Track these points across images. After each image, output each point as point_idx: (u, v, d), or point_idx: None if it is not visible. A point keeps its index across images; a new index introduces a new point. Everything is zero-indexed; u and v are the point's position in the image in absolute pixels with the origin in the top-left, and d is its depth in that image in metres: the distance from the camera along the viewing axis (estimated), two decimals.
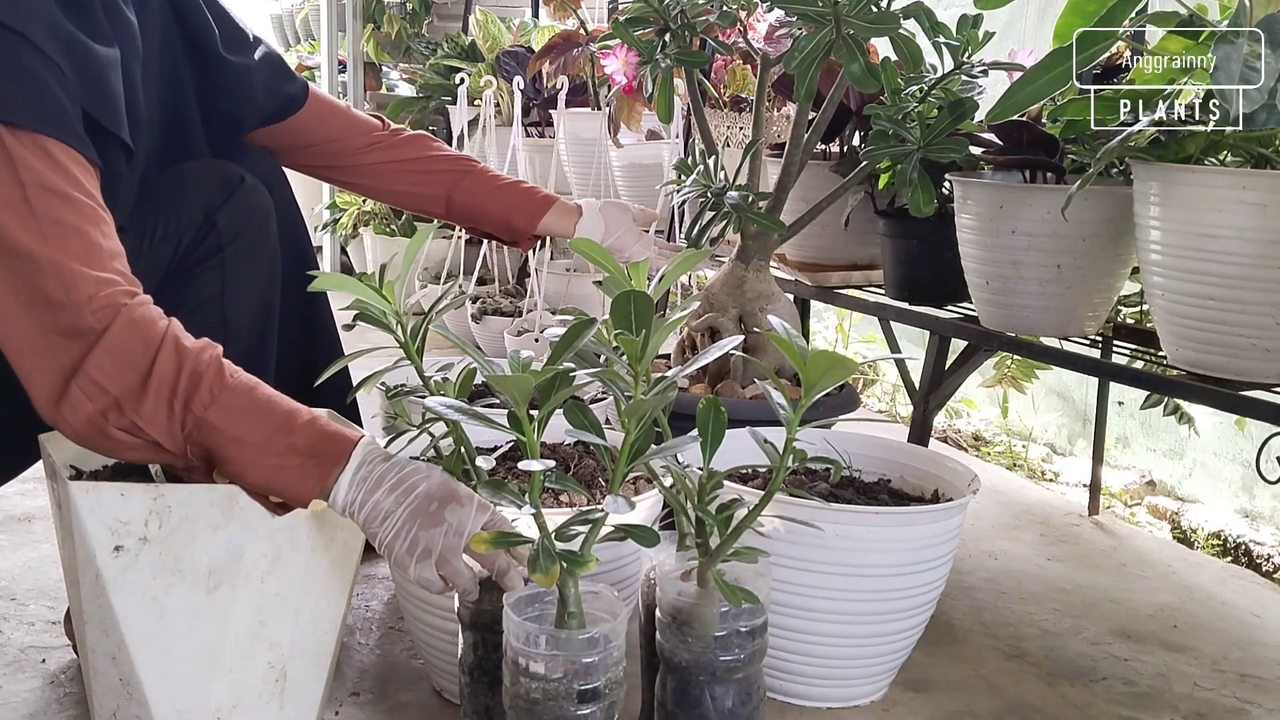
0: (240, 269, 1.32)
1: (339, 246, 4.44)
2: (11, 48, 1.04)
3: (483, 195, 1.59)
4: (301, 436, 1.06)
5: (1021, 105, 1.38)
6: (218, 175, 1.33)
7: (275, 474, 1.06)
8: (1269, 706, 1.42)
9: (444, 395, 1.14)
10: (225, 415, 1.04)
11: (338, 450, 1.06)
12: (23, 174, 1.02)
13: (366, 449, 1.07)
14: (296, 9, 6.03)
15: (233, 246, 1.31)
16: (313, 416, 1.08)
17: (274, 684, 1.14)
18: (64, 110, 1.06)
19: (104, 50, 1.13)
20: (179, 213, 1.29)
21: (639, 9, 1.74)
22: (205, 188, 1.31)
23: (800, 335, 1.10)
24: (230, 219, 1.31)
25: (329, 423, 1.09)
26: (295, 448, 1.05)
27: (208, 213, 1.30)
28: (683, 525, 1.14)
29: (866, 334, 3.08)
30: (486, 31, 3.57)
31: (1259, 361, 1.33)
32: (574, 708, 0.98)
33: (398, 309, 1.10)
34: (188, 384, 1.04)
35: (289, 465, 1.05)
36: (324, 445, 1.06)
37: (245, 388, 1.06)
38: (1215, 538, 2.11)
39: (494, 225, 1.62)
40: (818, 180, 1.95)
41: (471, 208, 1.60)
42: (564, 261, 3.43)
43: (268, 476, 1.06)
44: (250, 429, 1.05)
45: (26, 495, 1.88)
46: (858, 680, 1.35)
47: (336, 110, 1.56)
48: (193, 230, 1.29)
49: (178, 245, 1.29)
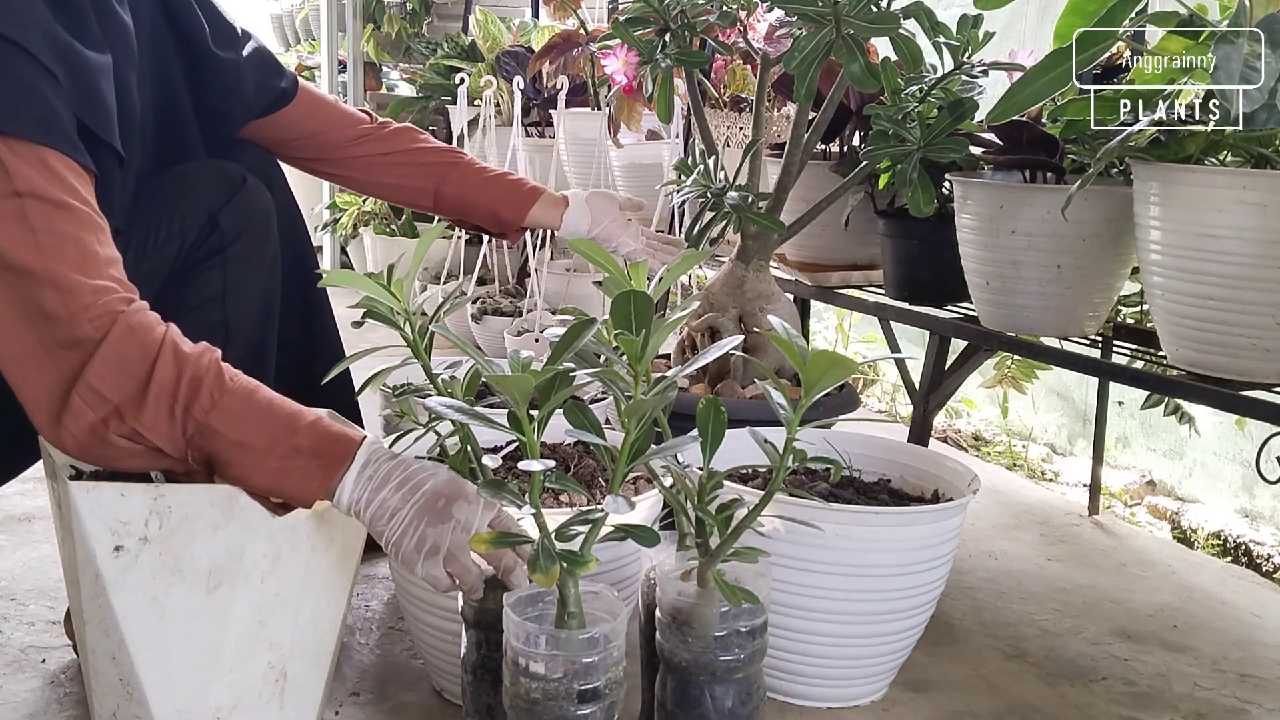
0: (242, 269, 1.32)
1: (339, 246, 4.43)
2: (7, 58, 1.04)
3: (470, 187, 1.59)
4: (304, 438, 1.06)
5: (1022, 106, 1.38)
6: (220, 176, 1.33)
7: (279, 476, 1.06)
8: (1269, 706, 1.42)
9: (452, 395, 1.13)
10: (227, 420, 1.04)
11: (342, 450, 1.06)
12: (18, 184, 1.02)
13: (371, 448, 1.07)
14: (296, 9, 6.03)
15: (235, 246, 1.31)
16: (316, 418, 1.08)
17: (274, 684, 1.14)
18: (59, 119, 1.06)
19: (96, 56, 1.13)
20: (182, 213, 1.29)
21: (639, 9, 1.74)
22: (208, 188, 1.32)
23: (800, 335, 1.10)
24: (233, 219, 1.31)
25: (331, 423, 1.09)
26: (299, 449, 1.05)
27: (210, 213, 1.30)
28: (683, 525, 1.14)
29: (866, 334, 3.08)
30: (486, 31, 3.57)
31: (1259, 361, 1.33)
32: (574, 708, 0.98)
33: (406, 307, 1.10)
34: (188, 389, 1.03)
35: (293, 467, 1.05)
36: (328, 446, 1.06)
37: (246, 391, 1.06)
38: (1215, 538, 2.11)
39: (481, 217, 1.62)
40: (818, 180, 1.95)
41: (459, 200, 1.60)
42: (564, 261, 3.43)
43: (272, 479, 1.06)
44: (252, 433, 1.05)
45: (26, 495, 1.88)
46: (858, 680, 1.35)
47: (325, 104, 1.57)
48: (195, 230, 1.30)
49: (181, 245, 1.29)
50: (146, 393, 1.03)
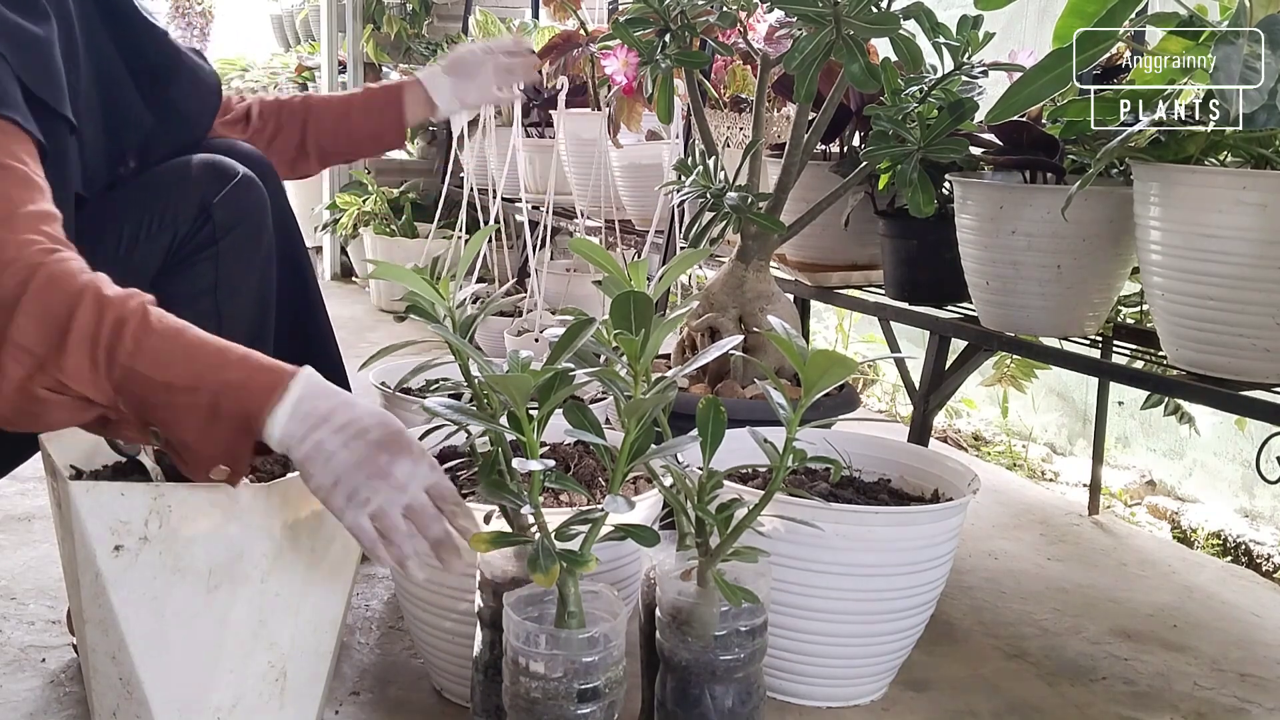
0: (233, 262, 1.31)
1: (339, 246, 4.44)
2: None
3: (336, 137, 1.61)
4: (234, 371, 1.00)
5: (1021, 106, 1.37)
6: (215, 168, 1.33)
7: (210, 417, 1.00)
8: (1269, 706, 1.42)
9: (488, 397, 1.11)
10: (152, 362, 0.99)
11: (274, 380, 1.01)
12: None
13: (309, 381, 1.02)
14: (296, 9, 6.03)
15: (227, 239, 1.30)
16: (246, 352, 1.03)
17: (274, 683, 1.14)
18: (5, 88, 1.06)
19: (40, 29, 1.13)
20: (174, 203, 1.29)
21: (639, 9, 1.74)
22: (202, 180, 1.30)
23: (800, 335, 1.10)
24: (225, 212, 1.30)
25: (265, 357, 1.03)
26: (228, 384, 1.00)
27: (203, 205, 1.29)
28: (683, 525, 1.14)
29: (866, 334, 3.08)
30: (486, 32, 3.57)
31: (1259, 361, 1.33)
32: (574, 707, 0.98)
33: (450, 304, 1.10)
34: (110, 333, 0.99)
35: (224, 404, 0.99)
36: (260, 377, 1.01)
37: (173, 331, 1.01)
38: (1215, 537, 2.11)
39: (364, 153, 1.66)
40: (818, 180, 1.95)
41: (332, 153, 1.63)
42: (564, 261, 3.44)
43: (202, 421, 1.00)
44: (179, 372, 0.99)
45: (26, 495, 1.88)
46: (858, 680, 1.35)
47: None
48: (188, 222, 1.29)
49: (174, 236, 1.28)
50: (67, 340, 0.98)
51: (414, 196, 4.07)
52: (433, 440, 1.21)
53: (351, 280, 4.42)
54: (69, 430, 1.19)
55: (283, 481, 1.11)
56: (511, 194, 3.11)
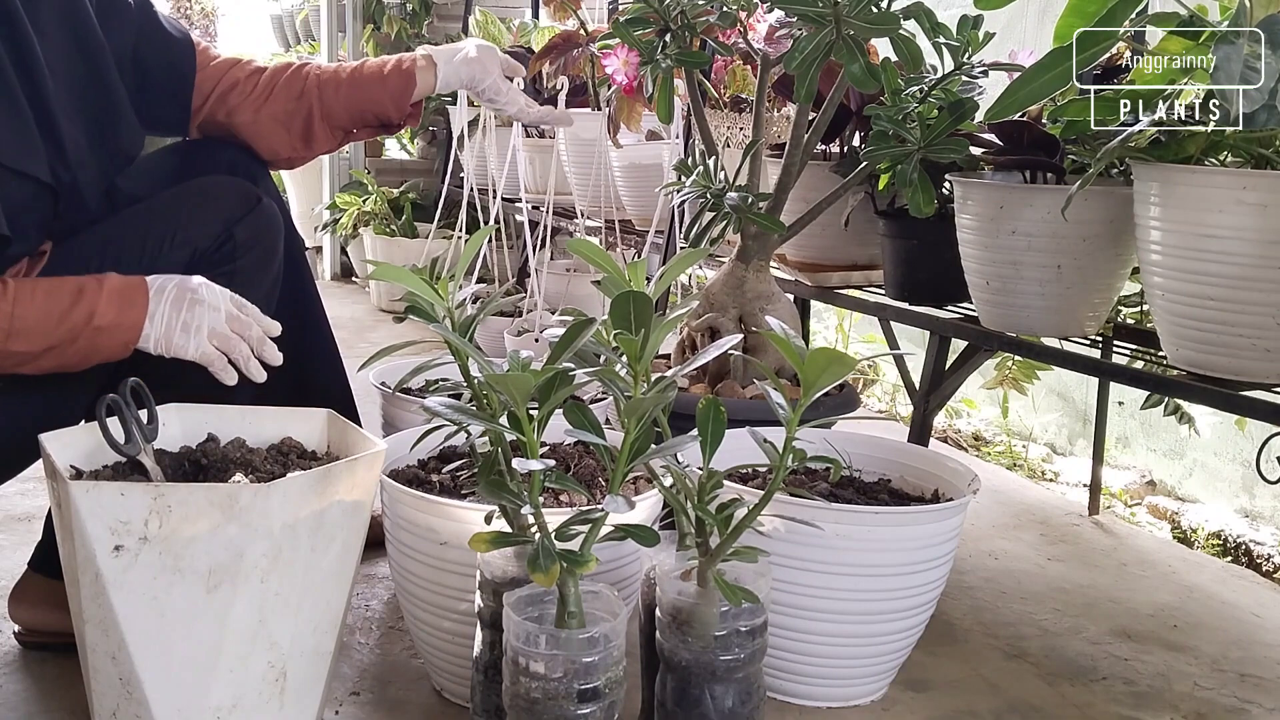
0: (247, 281, 1.37)
1: (339, 246, 4.44)
2: None
3: (344, 113, 1.59)
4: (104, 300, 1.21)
5: (1021, 104, 1.37)
6: (239, 192, 1.39)
7: (93, 338, 1.21)
8: (1269, 706, 1.42)
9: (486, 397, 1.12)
10: (25, 340, 1.18)
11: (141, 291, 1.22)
12: None
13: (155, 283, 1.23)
14: (296, 9, 6.02)
15: (245, 259, 1.37)
16: (101, 277, 1.23)
17: (274, 683, 1.14)
18: None
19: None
20: (198, 220, 1.36)
21: (639, 9, 1.74)
22: (227, 201, 1.38)
23: (799, 335, 1.10)
24: (247, 233, 1.37)
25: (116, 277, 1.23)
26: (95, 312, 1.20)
27: (227, 224, 1.36)
28: (683, 525, 1.14)
29: (866, 334, 3.08)
30: (486, 32, 3.57)
31: (1259, 361, 1.33)
32: (574, 707, 0.98)
33: (449, 305, 1.10)
34: None
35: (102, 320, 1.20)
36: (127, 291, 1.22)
37: (26, 291, 1.18)
38: (1215, 537, 2.11)
39: (371, 130, 1.66)
40: (818, 180, 1.95)
41: (345, 130, 1.62)
42: (564, 261, 3.43)
43: (85, 347, 1.21)
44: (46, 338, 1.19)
45: (26, 495, 1.88)
46: (858, 680, 1.35)
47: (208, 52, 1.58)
48: (210, 239, 1.36)
49: (193, 252, 1.35)
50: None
51: (414, 196, 4.07)
52: (433, 440, 1.21)
53: (351, 280, 4.43)
54: (69, 430, 1.21)
55: (283, 481, 1.11)
56: (511, 194, 3.11)
